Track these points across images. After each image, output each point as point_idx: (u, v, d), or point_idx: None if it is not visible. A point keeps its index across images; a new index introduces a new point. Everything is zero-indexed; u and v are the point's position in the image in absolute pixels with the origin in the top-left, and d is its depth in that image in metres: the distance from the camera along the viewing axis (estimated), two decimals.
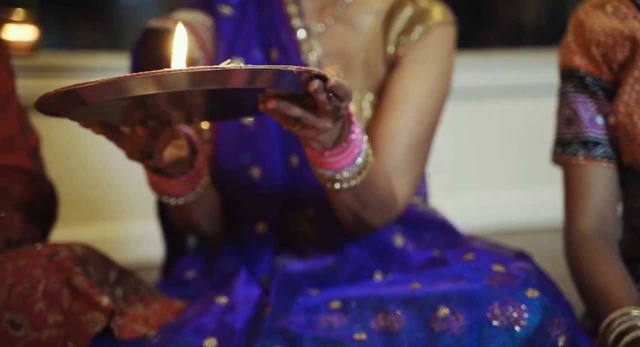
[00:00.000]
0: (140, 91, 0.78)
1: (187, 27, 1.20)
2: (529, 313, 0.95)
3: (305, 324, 1.02)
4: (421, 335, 0.98)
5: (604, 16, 1.13)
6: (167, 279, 1.27)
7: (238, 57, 1.23)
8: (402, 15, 1.22)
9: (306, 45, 1.23)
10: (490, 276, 1.01)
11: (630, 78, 1.10)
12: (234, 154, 1.22)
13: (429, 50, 1.20)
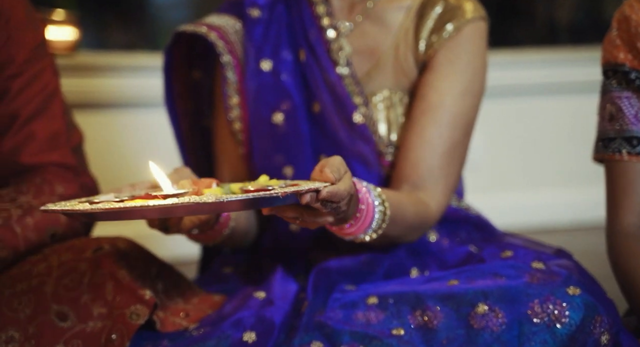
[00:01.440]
0: (150, 216, 0.84)
1: (216, 31, 1.23)
2: (571, 310, 0.94)
3: (342, 319, 1.02)
4: (460, 331, 0.97)
5: None
6: (205, 275, 1.28)
7: (268, 59, 1.23)
8: (433, 13, 1.21)
9: (335, 45, 1.23)
10: (530, 273, 1.00)
11: None
12: (267, 154, 1.23)
13: (461, 49, 1.18)
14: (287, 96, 1.23)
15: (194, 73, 1.32)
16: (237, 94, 1.24)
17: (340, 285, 1.12)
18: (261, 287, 1.13)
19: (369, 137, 1.20)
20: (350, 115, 1.20)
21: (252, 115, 1.23)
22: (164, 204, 0.79)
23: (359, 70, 1.23)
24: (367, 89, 1.23)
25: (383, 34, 1.23)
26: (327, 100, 1.22)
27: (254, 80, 1.23)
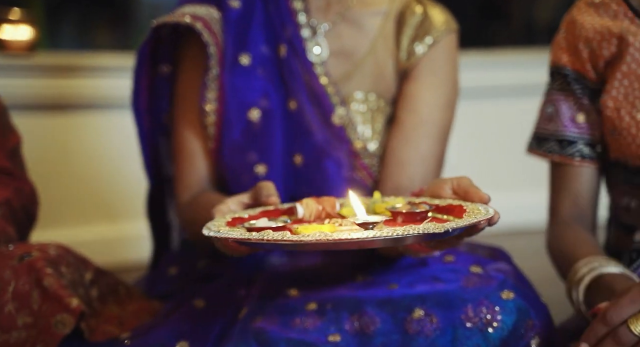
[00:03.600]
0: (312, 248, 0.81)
1: (201, 21, 1.20)
2: (503, 315, 0.94)
3: (280, 326, 1.01)
4: (395, 337, 0.97)
5: (595, 14, 1.13)
6: (151, 275, 1.27)
7: (247, 53, 1.22)
8: (412, 21, 1.22)
9: (312, 43, 1.22)
10: (467, 277, 1.00)
11: (618, 73, 1.09)
12: (240, 151, 1.21)
13: (441, 62, 1.21)
14: (265, 92, 1.22)
15: (161, 67, 1.30)
16: (216, 87, 1.22)
17: (284, 290, 1.10)
18: (201, 294, 1.11)
19: (346, 139, 1.20)
20: (328, 116, 1.20)
21: (228, 110, 1.21)
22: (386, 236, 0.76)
23: (335, 71, 1.22)
24: (345, 91, 1.22)
25: (360, 37, 1.23)
26: (305, 98, 1.21)
27: (232, 74, 1.22)
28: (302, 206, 0.93)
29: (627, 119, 1.08)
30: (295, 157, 1.21)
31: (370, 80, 1.22)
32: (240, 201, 0.96)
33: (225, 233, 0.84)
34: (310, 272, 1.16)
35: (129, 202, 2.19)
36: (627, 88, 1.08)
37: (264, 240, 0.80)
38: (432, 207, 0.88)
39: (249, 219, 0.93)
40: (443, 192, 0.91)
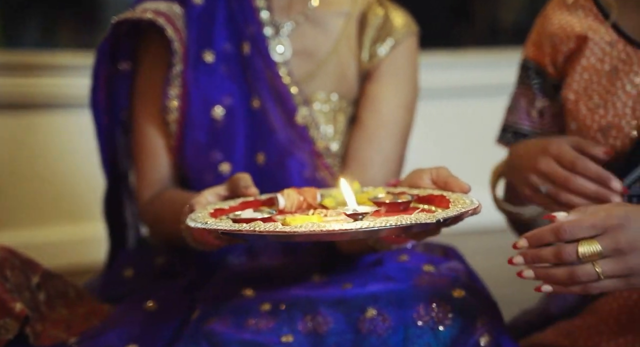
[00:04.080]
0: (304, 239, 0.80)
1: (163, 16, 1.19)
2: (454, 313, 0.94)
3: (233, 328, 1.00)
4: (348, 336, 0.97)
5: (565, 10, 1.15)
6: (104, 276, 1.25)
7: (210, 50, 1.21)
8: (374, 22, 1.23)
9: (275, 42, 1.22)
10: (419, 276, 1.00)
11: (578, 66, 1.12)
12: (204, 150, 1.20)
13: (402, 64, 1.22)
14: (229, 90, 1.21)
15: (121, 65, 1.28)
16: (179, 84, 1.20)
17: (239, 291, 1.09)
18: (154, 296, 1.09)
19: (309, 139, 1.20)
20: (292, 115, 1.20)
21: (191, 108, 1.20)
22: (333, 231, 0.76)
23: (298, 71, 1.22)
24: (308, 90, 1.22)
25: (323, 37, 1.23)
26: (268, 97, 1.21)
27: (196, 71, 1.21)
28: (283, 196, 0.92)
29: (584, 111, 1.11)
30: (258, 156, 1.21)
31: (332, 81, 1.22)
32: (216, 193, 0.96)
33: (214, 224, 0.83)
34: (267, 272, 1.15)
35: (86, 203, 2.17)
36: (586, 81, 1.11)
37: (255, 231, 0.79)
38: (413, 197, 0.88)
39: (231, 210, 0.92)
40: (422, 182, 0.91)
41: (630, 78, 1.06)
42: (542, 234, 0.75)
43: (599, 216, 0.75)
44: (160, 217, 1.17)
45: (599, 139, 1.08)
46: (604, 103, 1.08)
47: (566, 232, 0.75)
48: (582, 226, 0.75)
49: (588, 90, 1.10)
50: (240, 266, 1.18)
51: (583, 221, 0.75)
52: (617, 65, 1.08)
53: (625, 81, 1.07)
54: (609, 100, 1.08)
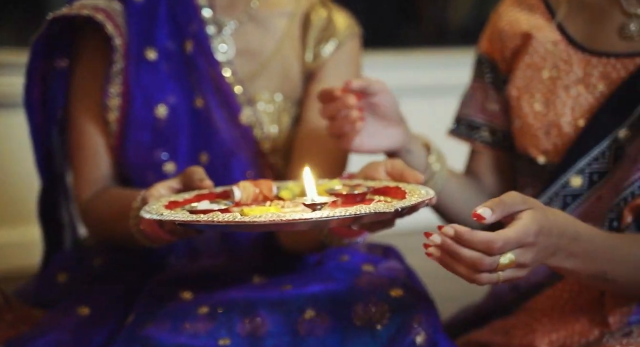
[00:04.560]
0: (264, 229, 0.82)
1: (101, 12, 1.16)
2: (391, 312, 0.94)
3: (169, 332, 0.99)
4: (286, 338, 0.96)
5: (517, 8, 1.17)
6: (37, 281, 1.21)
7: (152, 48, 1.19)
8: (317, 23, 1.23)
9: (218, 41, 1.21)
10: (358, 276, 1.01)
11: (522, 63, 1.14)
12: (147, 149, 1.18)
13: (346, 65, 1.23)
14: (172, 89, 1.19)
15: (58, 62, 1.24)
16: (120, 82, 1.18)
17: (177, 294, 1.08)
18: (87, 300, 1.07)
19: (253, 139, 1.19)
20: (235, 115, 1.19)
21: (133, 106, 1.18)
22: (295, 220, 0.76)
23: (242, 71, 1.21)
24: (251, 90, 1.21)
25: (266, 38, 1.23)
26: (211, 97, 1.19)
27: (138, 69, 1.18)
28: (238, 188, 0.91)
29: (526, 109, 1.12)
30: (201, 156, 1.20)
31: (276, 81, 1.22)
32: (169, 186, 0.95)
33: (170, 216, 0.81)
34: (207, 274, 1.14)
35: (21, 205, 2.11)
36: (529, 79, 1.13)
37: (214, 222, 0.78)
38: (369, 189, 0.89)
39: (186, 202, 0.90)
40: (377, 174, 0.92)
41: (569, 78, 1.08)
42: (476, 240, 0.75)
43: (523, 230, 0.76)
44: (103, 216, 1.15)
45: (542, 137, 1.09)
46: (546, 102, 1.10)
47: (497, 250, 0.75)
48: (511, 244, 0.76)
49: (530, 88, 1.12)
50: (180, 267, 1.17)
51: (512, 239, 0.76)
52: (559, 65, 1.10)
53: (565, 81, 1.08)
54: (550, 99, 1.09)
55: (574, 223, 0.82)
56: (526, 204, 0.77)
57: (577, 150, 1.05)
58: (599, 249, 0.85)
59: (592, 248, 0.84)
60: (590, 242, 0.84)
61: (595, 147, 1.04)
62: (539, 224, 0.77)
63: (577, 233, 0.82)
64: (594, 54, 1.07)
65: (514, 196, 0.77)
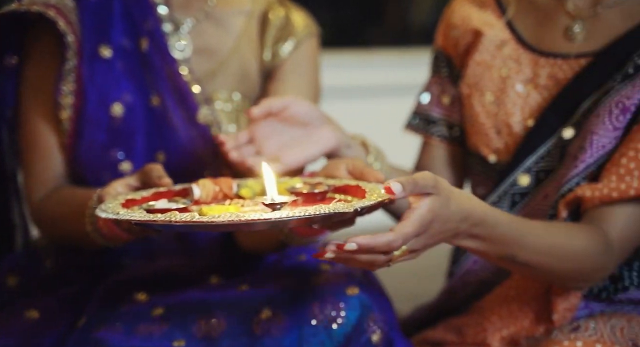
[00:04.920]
0: (222, 229, 0.80)
1: (52, 8, 1.14)
2: (347, 311, 0.94)
3: (123, 334, 0.97)
4: (242, 339, 0.96)
5: (469, 4, 1.18)
6: None
7: (107, 45, 1.16)
8: (275, 22, 1.23)
9: (174, 39, 1.19)
10: (316, 275, 1.00)
11: (472, 61, 1.14)
12: (102, 148, 1.16)
13: (304, 64, 1.23)
14: (128, 87, 1.17)
15: (7, 59, 1.20)
16: (73, 80, 1.15)
17: (132, 295, 1.06)
18: (36, 303, 1.04)
19: (211, 138, 1.17)
20: (193, 114, 1.17)
21: (87, 105, 1.15)
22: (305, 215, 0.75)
23: (199, 69, 1.20)
24: (209, 89, 1.20)
25: (224, 36, 1.22)
26: (168, 96, 1.17)
27: (92, 67, 1.16)
28: (198, 186, 0.90)
29: (477, 108, 1.13)
30: (158, 155, 1.18)
31: (234, 80, 1.21)
32: (127, 184, 0.93)
33: (126, 215, 0.79)
34: (162, 275, 1.12)
35: None
36: (478, 76, 1.13)
37: (172, 222, 0.76)
38: (330, 188, 0.88)
39: (143, 200, 0.88)
40: (338, 173, 0.92)
41: (519, 78, 1.09)
42: (377, 246, 0.75)
43: (419, 222, 0.77)
44: (57, 216, 1.12)
45: (493, 136, 1.10)
46: (496, 101, 1.10)
47: (396, 248, 0.76)
48: (409, 238, 0.76)
49: (480, 86, 1.13)
50: (135, 268, 1.15)
51: (410, 234, 0.76)
52: (508, 64, 1.10)
53: (514, 80, 1.09)
54: (500, 98, 1.10)
55: (480, 208, 0.82)
56: (435, 188, 0.77)
57: (525, 149, 1.06)
58: (505, 234, 0.85)
59: (497, 232, 0.85)
60: (494, 227, 0.84)
61: (542, 146, 1.05)
62: (435, 213, 0.77)
63: (482, 219, 0.82)
64: (542, 54, 1.08)
65: (426, 177, 0.77)
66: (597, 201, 0.95)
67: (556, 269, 0.92)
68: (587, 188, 0.96)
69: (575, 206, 0.99)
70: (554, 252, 0.91)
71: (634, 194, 0.94)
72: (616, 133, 0.98)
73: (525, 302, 1.05)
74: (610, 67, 1.00)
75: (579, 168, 0.99)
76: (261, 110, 1.00)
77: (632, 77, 0.98)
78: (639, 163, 0.94)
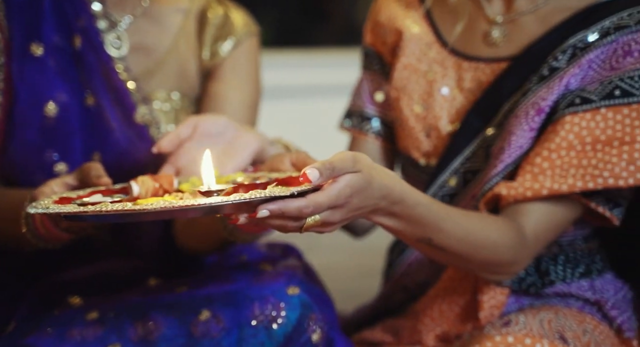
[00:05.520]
0: (156, 217, 0.76)
1: None
2: (288, 310, 0.93)
3: (54, 340, 0.94)
4: (180, 341, 0.94)
5: (395, 3, 1.18)
6: None
7: (39, 43, 1.12)
8: (214, 21, 1.21)
9: (110, 37, 1.16)
10: (256, 275, 0.99)
11: (399, 64, 1.15)
12: (36, 149, 1.12)
13: (244, 63, 1.22)
14: (61, 86, 1.13)
15: None
16: (2, 78, 1.11)
17: (64, 300, 1.03)
18: None
19: (149, 138, 1.15)
20: (130, 114, 1.15)
21: (18, 104, 1.11)
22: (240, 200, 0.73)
23: (136, 68, 1.17)
24: (147, 88, 1.17)
25: (161, 34, 1.19)
26: (104, 95, 1.14)
27: (23, 65, 1.11)
28: (137, 183, 0.87)
29: (406, 112, 1.13)
30: (94, 156, 1.15)
31: (173, 79, 1.19)
32: (64, 183, 0.90)
33: (57, 208, 0.77)
34: (98, 277, 1.10)
35: None
36: (405, 80, 1.14)
37: (102, 212, 0.73)
38: (272, 180, 0.87)
39: (79, 198, 0.85)
40: (282, 166, 0.91)
41: (445, 82, 1.10)
42: (288, 211, 0.75)
43: (335, 194, 0.77)
44: None
45: (422, 140, 1.11)
46: (424, 104, 1.12)
47: (307, 214, 0.76)
48: (322, 208, 0.76)
49: (408, 90, 1.14)
50: (70, 271, 1.11)
51: (323, 204, 0.76)
52: (434, 68, 1.12)
53: (440, 84, 1.10)
54: (428, 102, 1.11)
55: (401, 187, 0.83)
56: (355, 167, 0.77)
57: (451, 151, 1.07)
58: (423, 215, 0.86)
59: (415, 213, 0.85)
60: (414, 207, 0.85)
61: (467, 147, 1.06)
62: (354, 189, 0.77)
63: (401, 197, 0.83)
64: (465, 58, 1.10)
65: (344, 159, 0.77)
66: (512, 200, 0.97)
67: (472, 257, 0.94)
68: (504, 186, 0.99)
69: (494, 204, 1.01)
70: (470, 239, 0.92)
71: (546, 194, 0.96)
72: (532, 133, 1.00)
73: (454, 301, 1.07)
74: (527, 69, 1.03)
75: (498, 168, 1.01)
76: (169, 142, 0.99)
77: (547, 79, 1.00)
78: (552, 163, 0.97)
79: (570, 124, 0.97)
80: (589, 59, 0.98)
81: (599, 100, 0.96)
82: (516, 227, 0.96)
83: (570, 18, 1.01)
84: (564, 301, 1.05)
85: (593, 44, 0.98)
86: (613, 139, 0.95)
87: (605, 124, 0.96)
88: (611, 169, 0.94)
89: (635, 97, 0.95)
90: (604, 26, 0.98)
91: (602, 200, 0.97)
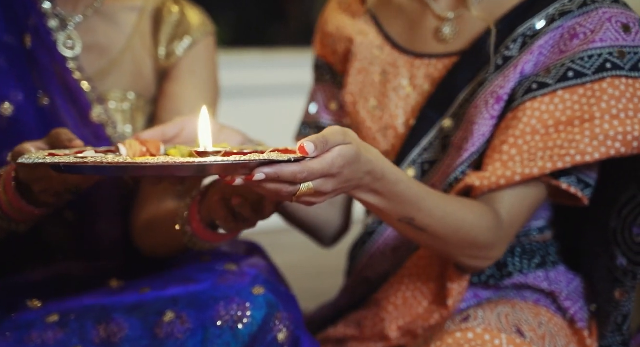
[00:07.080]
0: (155, 172, 0.75)
1: None
2: (253, 310, 0.93)
3: (13, 344, 0.93)
4: (144, 342, 0.93)
5: (342, 13, 1.19)
6: None
7: None
8: (170, 19, 1.20)
9: (62, 36, 1.14)
10: (221, 275, 0.99)
11: (352, 69, 1.16)
12: None
13: (201, 63, 1.20)
14: (15, 86, 1.11)
15: None
16: None
17: (23, 302, 1.01)
18: None
19: (106, 137, 1.13)
20: (86, 113, 1.13)
21: None
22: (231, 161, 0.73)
23: (90, 67, 1.15)
24: (102, 88, 1.16)
25: (115, 33, 1.17)
26: (58, 95, 1.12)
27: None
28: (124, 146, 0.87)
29: (362, 113, 1.15)
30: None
31: (128, 79, 1.17)
32: (36, 147, 0.88)
33: (56, 159, 0.76)
34: (58, 279, 1.08)
35: None
36: (361, 84, 1.15)
37: (103, 163, 0.73)
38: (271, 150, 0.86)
39: (66, 156, 0.83)
40: None
41: (398, 81, 1.12)
42: (283, 175, 0.76)
43: (328, 163, 0.78)
44: None
45: (380, 139, 1.12)
46: (380, 105, 1.13)
47: (301, 180, 0.77)
48: (315, 175, 0.78)
49: (364, 93, 1.15)
50: (29, 273, 1.10)
51: (317, 171, 0.78)
52: (386, 69, 1.13)
53: (394, 84, 1.12)
54: (383, 102, 1.13)
55: (383, 164, 0.85)
56: (346, 140, 0.79)
57: (409, 144, 1.09)
58: (404, 193, 0.88)
59: (396, 190, 0.87)
60: (395, 184, 0.87)
61: (424, 138, 1.08)
62: (346, 159, 0.79)
63: (383, 174, 0.85)
64: (416, 56, 1.11)
65: (335, 132, 0.79)
66: (486, 189, 1.00)
67: (450, 239, 0.96)
68: (475, 177, 1.01)
69: (465, 195, 1.03)
70: (449, 220, 0.94)
71: (519, 180, 0.99)
72: (492, 121, 1.03)
73: (418, 289, 1.09)
74: (479, 61, 1.05)
75: (463, 157, 1.04)
76: (151, 136, 0.98)
77: (502, 68, 1.03)
78: (519, 149, 0.99)
79: (531, 109, 0.99)
80: (539, 45, 1.01)
81: (554, 84, 0.99)
82: (492, 211, 0.99)
83: (516, 7, 1.05)
84: (521, 294, 1.08)
85: (541, 31, 1.01)
86: (573, 118, 0.98)
87: (564, 105, 0.99)
88: (576, 147, 0.97)
89: (587, 77, 0.98)
90: (549, 13, 1.02)
91: (574, 181, 1.00)
